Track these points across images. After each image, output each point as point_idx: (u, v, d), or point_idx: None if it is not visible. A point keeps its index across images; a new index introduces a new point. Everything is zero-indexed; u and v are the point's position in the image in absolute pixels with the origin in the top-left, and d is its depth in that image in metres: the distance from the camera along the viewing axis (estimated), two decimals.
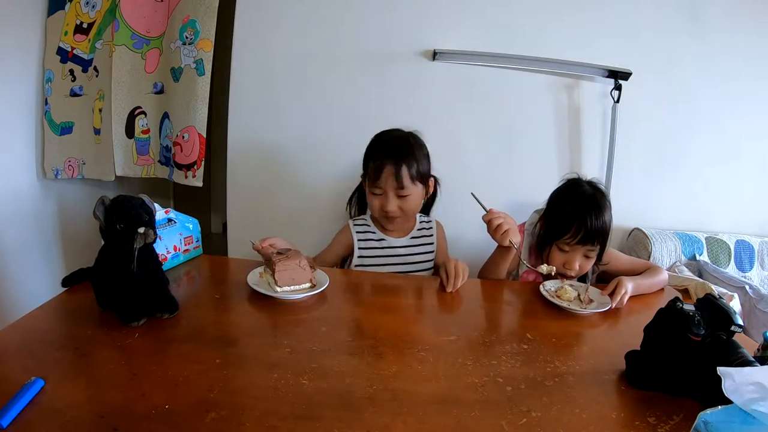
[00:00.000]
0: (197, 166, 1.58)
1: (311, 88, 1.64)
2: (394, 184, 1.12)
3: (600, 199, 1.13)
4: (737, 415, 0.51)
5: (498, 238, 1.08)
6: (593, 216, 1.09)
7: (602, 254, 1.16)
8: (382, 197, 1.15)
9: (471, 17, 1.61)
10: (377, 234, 1.24)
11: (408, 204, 1.16)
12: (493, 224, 1.06)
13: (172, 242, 1.04)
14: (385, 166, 1.12)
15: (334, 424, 0.57)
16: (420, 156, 1.16)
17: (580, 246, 1.12)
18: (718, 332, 0.66)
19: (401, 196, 1.14)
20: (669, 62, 1.65)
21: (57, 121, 1.65)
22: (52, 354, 0.68)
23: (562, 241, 1.13)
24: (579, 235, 1.10)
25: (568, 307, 0.96)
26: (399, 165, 1.11)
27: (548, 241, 1.16)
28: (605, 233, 1.12)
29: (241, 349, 0.74)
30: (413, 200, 1.17)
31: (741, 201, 1.78)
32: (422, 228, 1.26)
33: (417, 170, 1.14)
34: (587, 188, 1.17)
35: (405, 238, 1.24)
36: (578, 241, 1.11)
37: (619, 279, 1.03)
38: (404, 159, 1.12)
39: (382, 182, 1.13)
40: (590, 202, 1.12)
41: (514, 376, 0.70)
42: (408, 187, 1.13)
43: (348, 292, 0.97)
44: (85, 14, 1.59)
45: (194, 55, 1.52)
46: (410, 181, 1.13)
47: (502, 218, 1.07)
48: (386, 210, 1.14)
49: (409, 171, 1.12)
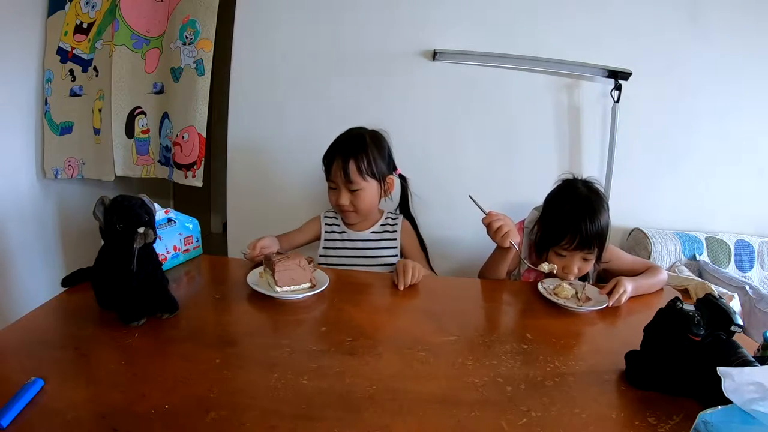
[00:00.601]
0: (197, 166, 1.58)
1: (311, 88, 1.64)
2: (343, 178, 1.16)
3: (595, 201, 1.12)
4: (737, 415, 0.51)
5: (498, 240, 1.08)
6: (588, 221, 1.08)
7: (601, 255, 1.16)
8: (336, 191, 1.20)
9: (471, 17, 1.61)
10: (340, 227, 1.28)
11: (360, 200, 1.18)
12: (493, 226, 1.07)
13: (172, 242, 1.04)
14: (335, 160, 1.17)
15: (334, 424, 0.57)
16: (373, 153, 1.19)
17: (577, 251, 1.11)
18: (718, 332, 0.66)
19: (352, 190, 1.17)
20: (669, 62, 1.65)
21: (57, 121, 1.65)
22: (52, 354, 0.68)
23: (559, 247, 1.12)
24: (575, 242, 1.09)
25: (564, 305, 0.96)
26: (347, 160, 1.15)
27: (545, 247, 1.16)
28: (602, 236, 1.11)
29: (241, 349, 0.74)
30: (366, 196, 1.19)
31: (741, 201, 1.78)
32: (386, 224, 1.28)
33: (367, 166, 1.17)
34: (582, 190, 1.15)
35: (366, 232, 1.26)
36: (575, 247, 1.10)
37: (618, 279, 1.03)
38: (353, 155, 1.16)
39: (333, 176, 1.18)
40: (585, 206, 1.10)
41: (514, 376, 0.70)
42: (356, 182, 1.16)
43: (348, 292, 0.97)
44: (85, 14, 1.59)
45: (194, 55, 1.52)
46: (359, 177, 1.16)
47: (501, 220, 1.07)
48: (339, 204, 1.19)
49: (357, 167, 1.16)
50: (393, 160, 1.28)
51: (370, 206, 1.23)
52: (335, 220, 1.29)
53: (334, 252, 1.27)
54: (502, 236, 1.06)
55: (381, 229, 1.27)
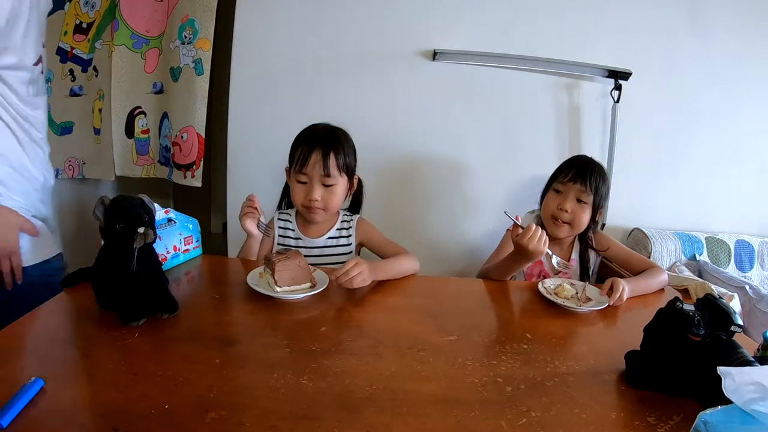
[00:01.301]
0: (196, 166, 1.58)
1: (311, 88, 1.64)
2: (321, 171, 1.11)
3: (594, 160, 1.29)
4: (737, 415, 0.51)
5: (533, 247, 1.02)
6: (584, 159, 1.28)
7: (597, 210, 1.24)
8: (308, 186, 1.14)
9: (471, 17, 1.61)
10: (295, 232, 1.23)
11: (332, 195, 1.14)
12: (534, 237, 1.01)
13: (172, 242, 1.04)
14: (312, 152, 1.11)
15: (334, 424, 0.57)
16: (347, 149, 1.16)
17: (572, 184, 1.23)
18: (718, 332, 0.66)
19: (327, 185, 1.13)
20: (669, 62, 1.66)
21: (57, 121, 1.65)
22: (52, 354, 0.68)
23: (557, 182, 1.26)
24: (570, 173, 1.24)
25: (564, 305, 0.96)
26: (327, 152, 1.11)
27: (547, 188, 1.31)
28: (596, 173, 1.23)
29: (241, 349, 0.74)
30: (338, 192, 1.16)
31: (741, 201, 1.78)
32: (341, 228, 1.24)
33: (344, 161, 1.14)
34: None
35: (322, 238, 1.22)
36: (570, 178, 1.23)
37: (613, 279, 1.03)
38: (332, 147, 1.12)
39: (308, 169, 1.12)
40: (583, 156, 1.31)
41: (514, 376, 0.70)
42: (334, 176, 1.13)
43: (348, 292, 0.97)
44: (84, 14, 1.59)
45: (193, 55, 1.52)
46: (337, 171, 1.13)
47: (539, 230, 1.03)
48: (310, 198, 1.13)
49: (336, 160, 1.12)
50: (356, 158, 1.23)
51: (338, 204, 1.19)
52: (289, 224, 1.24)
53: None
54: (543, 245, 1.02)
55: (337, 234, 1.23)
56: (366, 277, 0.96)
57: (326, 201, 1.14)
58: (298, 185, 1.15)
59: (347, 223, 1.25)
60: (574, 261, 1.30)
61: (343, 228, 1.24)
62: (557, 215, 1.23)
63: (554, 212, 1.24)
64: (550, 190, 1.29)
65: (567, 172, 1.25)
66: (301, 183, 1.15)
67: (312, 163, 1.11)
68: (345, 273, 0.93)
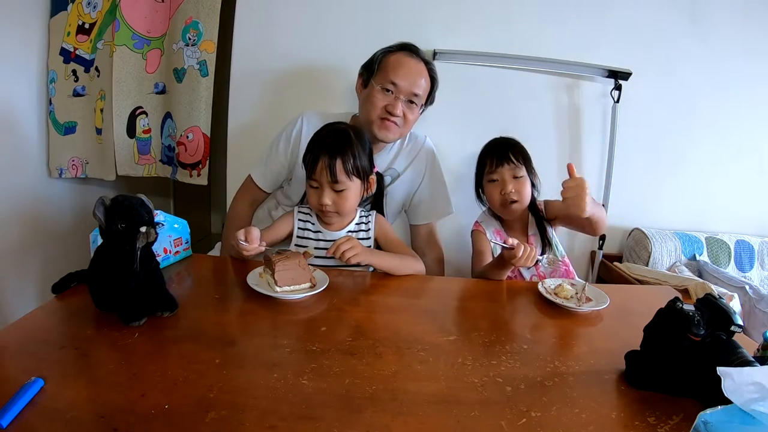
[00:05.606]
0: (202, 165, 1.59)
1: (311, 88, 1.64)
2: (329, 178, 1.11)
3: (504, 138, 1.32)
4: (737, 415, 0.51)
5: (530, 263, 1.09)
6: (495, 141, 1.32)
7: (531, 172, 1.27)
8: (319, 190, 1.14)
9: (471, 17, 1.61)
10: (315, 225, 1.23)
11: (343, 200, 1.13)
12: (523, 257, 1.06)
13: (161, 245, 1.01)
14: (319, 159, 1.11)
15: (334, 424, 0.57)
16: (358, 151, 1.14)
17: (501, 168, 1.25)
18: (718, 332, 0.66)
19: (337, 190, 1.13)
20: (669, 62, 1.65)
21: (61, 121, 1.65)
22: (52, 354, 0.68)
23: (487, 174, 1.28)
24: (494, 159, 1.26)
25: (564, 305, 0.96)
26: (333, 158, 1.10)
27: (479, 184, 1.34)
28: (516, 147, 1.27)
29: (241, 349, 0.74)
30: (350, 196, 1.15)
31: (741, 201, 1.78)
32: (360, 223, 1.24)
33: (353, 165, 1.12)
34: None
35: (342, 232, 1.22)
36: (496, 164, 1.25)
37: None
38: (339, 153, 1.11)
39: (317, 175, 1.12)
40: (492, 140, 1.34)
41: (514, 376, 0.70)
42: (342, 182, 1.11)
43: (348, 292, 0.97)
44: (86, 15, 1.59)
45: (197, 57, 1.53)
46: (345, 176, 1.11)
47: (528, 247, 1.07)
48: (321, 203, 1.13)
49: (343, 165, 1.11)
50: (372, 158, 1.23)
51: (353, 206, 1.19)
52: (309, 218, 1.24)
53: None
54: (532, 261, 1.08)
55: (356, 228, 1.23)
56: (359, 252, 1.05)
57: (338, 205, 1.14)
58: (311, 189, 1.16)
59: (365, 218, 1.25)
60: (532, 237, 1.30)
61: (362, 222, 1.25)
62: (505, 200, 1.25)
63: (500, 199, 1.25)
64: (486, 184, 1.30)
65: (491, 160, 1.27)
66: (314, 187, 1.15)
67: (320, 170, 1.11)
68: (337, 248, 1.02)
